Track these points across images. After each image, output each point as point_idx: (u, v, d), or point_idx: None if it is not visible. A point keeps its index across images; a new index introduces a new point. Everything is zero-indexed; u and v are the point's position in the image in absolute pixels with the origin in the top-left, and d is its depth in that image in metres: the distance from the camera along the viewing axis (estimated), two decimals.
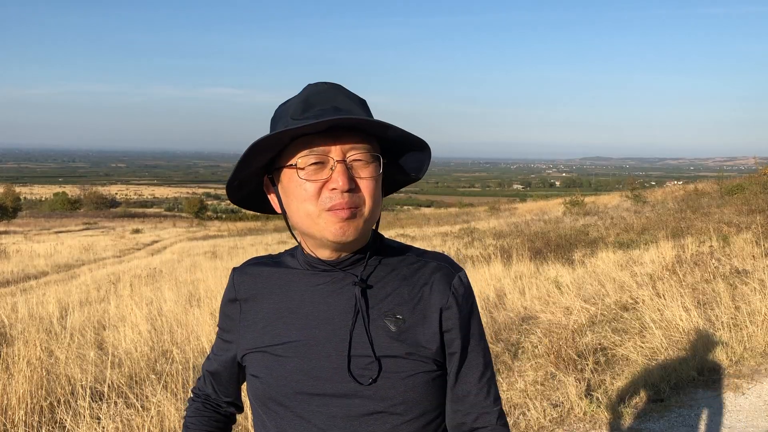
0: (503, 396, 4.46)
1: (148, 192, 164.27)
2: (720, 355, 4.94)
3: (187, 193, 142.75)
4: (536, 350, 5.16)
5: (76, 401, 4.05)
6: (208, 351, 5.94)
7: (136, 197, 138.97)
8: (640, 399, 4.32)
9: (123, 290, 10.13)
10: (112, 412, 3.82)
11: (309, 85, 1.17)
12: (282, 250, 1.33)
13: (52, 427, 3.88)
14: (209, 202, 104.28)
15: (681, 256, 8.20)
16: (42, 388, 4.30)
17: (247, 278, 1.27)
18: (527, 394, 4.36)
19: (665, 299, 5.91)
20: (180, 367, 4.57)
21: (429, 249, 1.32)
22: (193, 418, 1.39)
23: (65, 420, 3.74)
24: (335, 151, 1.09)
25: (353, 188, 1.09)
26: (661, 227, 12.35)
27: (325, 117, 1.06)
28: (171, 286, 10.05)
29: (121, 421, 3.69)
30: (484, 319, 5.93)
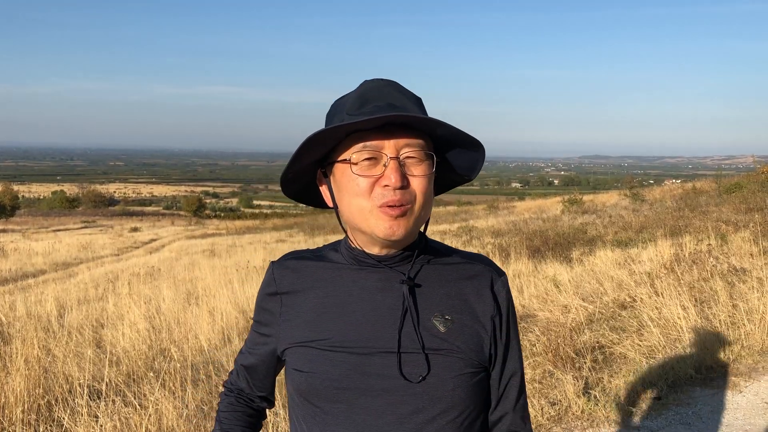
0: None
1: (146, 190, 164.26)
2: (718, 354, 4.95)
3: (186, 191, 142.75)
4: (534, 348, 5.16)
5: (74, 399, 4.05)
6: (206, 349, 5.93)
7: (134, 195, 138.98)
8: (638, 397, 4.32)
9: (121, 289, 10.12)
10: (110, 411, 3.82)
11: (365, 81, 1.18)
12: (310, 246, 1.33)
13: (50, 426, 3.88)
14: (208, 201, 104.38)
15: (679, 254, 8.21)
16: (40, 387, 4.30)
17: (289, 272, 1.26)
18: None
19: (663, 297, 5.92)
20: (178, 365, 4.57)
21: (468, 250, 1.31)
22: (227, 413, 1.38)
23: (63, 418, 3.75)
24: (389, 148, 1.09)
25: (405, 185, 1.09)
26: (659, 226, 12.36)
27: (380, 113, 1.07)
28: (169, 285, 10.05)
29: (119, 419, 3.69)
30: None
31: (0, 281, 15.23)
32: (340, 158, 1.12)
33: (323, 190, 1.22)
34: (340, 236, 1.29)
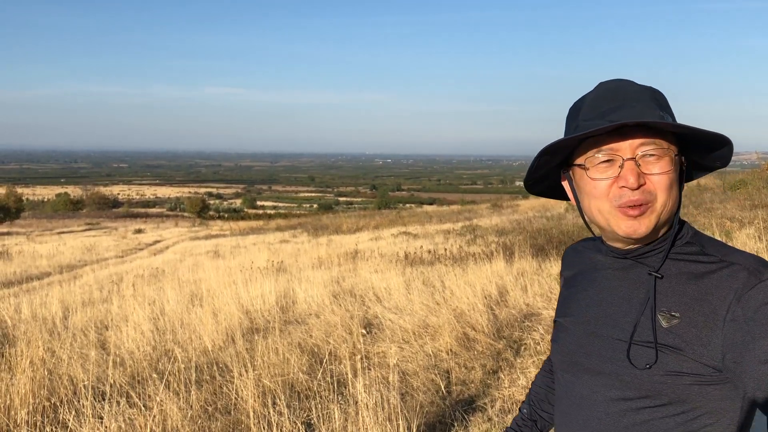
0: (505, 393, 4.46)
1: (150, 192, 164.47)
2: None
3: (189, 192, 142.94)
4: (538, 347, 5.16)
5: (78, 401, 4.06)
6: (210, 350, 5.94)
7: (138, 197, 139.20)
8: None
9: (125, 290, 10.14)
10: (114, 412, 3.82)
11: (600, 83, 1.21)
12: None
13: (56, 427, 3.89)
14: (211, 202, 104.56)
15: None
16: (44, 388, 4.31)
17: (570, 257, 1.43)
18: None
19: None
20: (182, 366, 4.57)
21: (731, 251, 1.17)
22: (539, 374, 1.60)
23: (68, 419, 3.75)
24: (624, 149, 1.13)
25: (643, 184, 1.12)
26: None
27: (612, 116, 1.12)
28: (173, 286, 10.06)
29: (124, 420, 3.70)
30: (485, 317, 5.92)
31: (5, 284, 15.27)
32: (577, 162, 1.19)
33: (566, 186, 1.29)
34: (344, 236, 1.30)
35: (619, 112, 1.12)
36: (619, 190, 1.13)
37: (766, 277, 1.08)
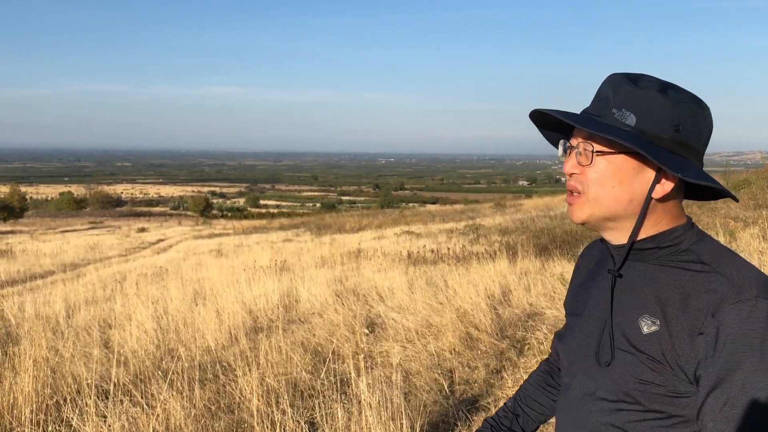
0: (509, 393, 4.45)
1: (153, 191, 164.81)
2: None
3: (193, 191, 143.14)
4: (542, 346, 5.15)
5: (82, 399, 4.06)
6: (214, 349, 5.93)
7: (141, 196, 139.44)
8: None
9: (129, 289, 10.14)
10: (118, 411, 3.83)
11: (611, 74, 1.24)
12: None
13: (59, 425, 3.89)
14: (215, 201, 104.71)
15: None
16: (48, 387, 4.31)
17: (586, 256, 1.44)
18: None
19: None
20: (186, 365, 4.57)
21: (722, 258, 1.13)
22: (534, 372, 1.59)
23: (72, 418, 3.76)
24: (575, 139, 1.21)
25: (575, 174, 1.20)
26: None
27: (588, 107, 1.20)
28: (177, 285, 10.06)
29: (127, 419, 3.70)
30: (489, 316, 5.91)
31: (9, 282, 15.29)
32: None
33: None
34: (347, 235, 1.31)
35: (593, 104, 1.19)
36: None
37: (746, 297, 1.03)
